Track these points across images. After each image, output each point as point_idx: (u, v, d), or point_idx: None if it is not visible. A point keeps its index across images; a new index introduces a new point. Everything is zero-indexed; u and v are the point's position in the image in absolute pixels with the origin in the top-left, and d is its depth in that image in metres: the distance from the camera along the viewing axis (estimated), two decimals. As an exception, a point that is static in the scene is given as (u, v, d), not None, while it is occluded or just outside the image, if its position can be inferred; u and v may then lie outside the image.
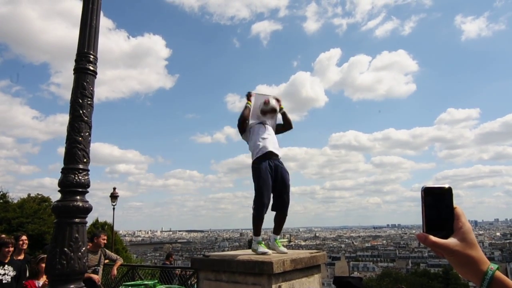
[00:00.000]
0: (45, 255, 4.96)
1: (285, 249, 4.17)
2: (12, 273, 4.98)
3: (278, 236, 4.30)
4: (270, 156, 4.17)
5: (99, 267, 5.93)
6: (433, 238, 0.76)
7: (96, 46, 3.12)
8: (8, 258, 5.07)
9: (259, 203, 4.03)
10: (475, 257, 0.75)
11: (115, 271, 6.28)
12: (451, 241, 0.75)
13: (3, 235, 5.27)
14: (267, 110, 4.44)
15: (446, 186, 0.79)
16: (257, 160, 4.15)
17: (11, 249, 5.10)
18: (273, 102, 4.45)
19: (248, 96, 4.52)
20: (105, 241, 6.13)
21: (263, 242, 4.15)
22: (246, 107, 4.46)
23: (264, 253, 3.93)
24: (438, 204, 0.78)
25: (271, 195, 4.12)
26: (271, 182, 4.08)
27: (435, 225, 0.78)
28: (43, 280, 4.82)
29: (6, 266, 4.98)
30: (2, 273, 4.91)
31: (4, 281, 4.88)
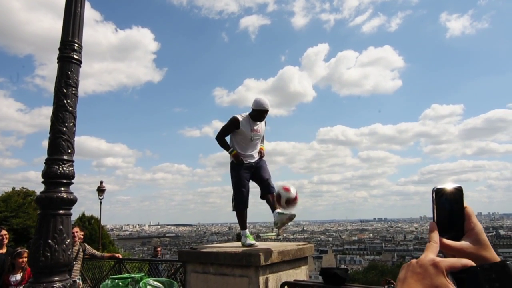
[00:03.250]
0: (21, 250, 4.89)
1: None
2: None
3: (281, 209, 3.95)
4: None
5: (75, 262, 5.84)
6: (447, 241, 0.75)
7: (80, 35, 3.05)
8: None
9: (238, 198, 4.19)
10: (489, 258, 0.74)
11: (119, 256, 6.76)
12: (465, 244, 0.75)
13: None
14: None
15: (457, 186, 0.77)
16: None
17: None
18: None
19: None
20: (77, 234, 6.02)
21: (251, 235, 4.19)
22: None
23: (251, 245, 3.96)
24: (448, 204, 0.77)
25: (249, 189, 4.30)
26: (249, 178, 4.28)
27: (446, 226, 0.77)
28: (20, 275, 4.73)
29: None
30: None
31: None
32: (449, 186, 0.78)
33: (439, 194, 0.77)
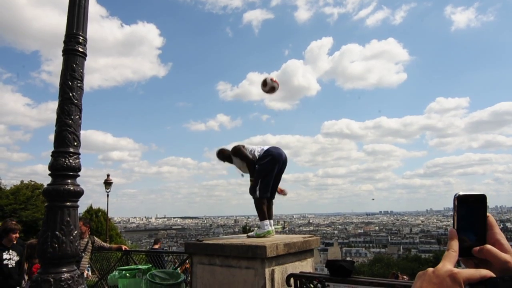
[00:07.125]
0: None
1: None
2: (16, 258, 5.01)
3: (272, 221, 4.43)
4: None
5: (83, 254, 5.92)
6: (494, 249, 0.72)
7: (85, 27, 3.04)
8: (14, 243, 5.09)
9: (264, 184, 4.19)
10: None
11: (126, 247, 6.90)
12: (508, 256, 0.72)
13: (14, 221, 5.26)
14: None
15: (480, 193, 0.75)
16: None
17: (18, 235, 5.12)
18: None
19: None
20: (82, 228, 6.06)
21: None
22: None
23: (269, 232, 4.18)
24: (470, 213, 0.75)
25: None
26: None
27: (467, 234, 0.75)
28: None
29: (10, 251, 4.99)
30: (8, 258, 4.92)
31: (9, 266, 4.90)
32: (472, 193, 0.76)
33: (461, 201, 0.75)
